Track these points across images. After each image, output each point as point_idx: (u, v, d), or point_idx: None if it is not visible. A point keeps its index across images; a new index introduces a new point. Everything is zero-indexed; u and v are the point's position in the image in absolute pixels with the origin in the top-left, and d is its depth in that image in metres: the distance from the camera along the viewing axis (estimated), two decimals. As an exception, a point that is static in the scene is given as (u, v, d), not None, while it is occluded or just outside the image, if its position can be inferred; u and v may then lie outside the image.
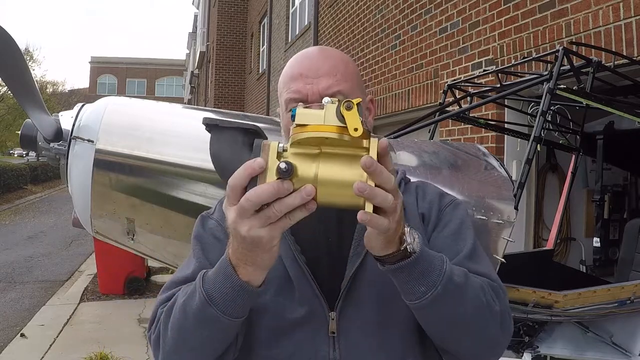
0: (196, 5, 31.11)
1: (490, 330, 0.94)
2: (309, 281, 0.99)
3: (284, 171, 0.72)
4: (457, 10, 4.83)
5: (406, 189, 1.13)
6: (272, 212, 0.74)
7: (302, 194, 0.73)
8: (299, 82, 1.03)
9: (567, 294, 2.24)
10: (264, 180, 0.73)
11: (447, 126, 4.75)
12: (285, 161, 0.72)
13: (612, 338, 2.56)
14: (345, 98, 1.00)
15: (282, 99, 1.07)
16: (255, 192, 0.73)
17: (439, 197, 1.11)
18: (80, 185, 2.12)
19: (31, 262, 8.78)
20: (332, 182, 0.73)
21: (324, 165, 0.73)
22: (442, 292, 0.86)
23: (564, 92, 2.36)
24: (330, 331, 0.98)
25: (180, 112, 2.54)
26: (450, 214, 1.08)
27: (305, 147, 0.74)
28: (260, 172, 0.74)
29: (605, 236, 4.35)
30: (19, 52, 2.31)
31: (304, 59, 1.07)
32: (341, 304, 0.99)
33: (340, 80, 1.03)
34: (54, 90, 37.69)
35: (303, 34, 10.83)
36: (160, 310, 0.97)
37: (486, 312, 0.93)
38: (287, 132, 1.02)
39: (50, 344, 4.97)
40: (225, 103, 18.64)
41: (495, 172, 2.27)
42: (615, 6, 3.16)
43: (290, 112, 1.02)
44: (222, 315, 0.85)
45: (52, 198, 19.73)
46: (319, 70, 1.02)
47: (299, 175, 0.73)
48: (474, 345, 0.96)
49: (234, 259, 0.83)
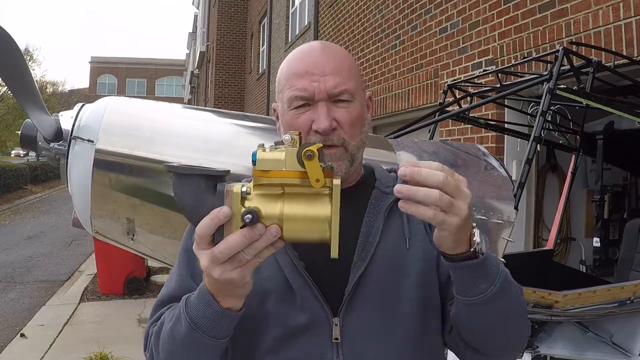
0: (196, 5, 31.11)
1: (524, 328, 1.00)
2: (310, 287, 0.98)
3: (250, 221, 0.73)
4: (457, 10, 4.83)
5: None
6: (242, 257, 0.77)
7: (268, 236, 0.75)
8: (304, 79, 1.01)
9: (567, 294, 2.23)
10: (231, 226, 0.75)
11: (447, 126, 4.75)
12: (249, 210, 0.73)
13: (612, 338, 2.56)
14: (351, 95, 1.02)
15: (284, 95, 1.04)
16: (228, 244, 0.76)
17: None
18: (80, 185, 2.12)
19: (31, 262, 8.78)
20: (297, 220, 0.75)
21: (288, 205, 0.75)
22: (499, 290, 0.88)
23: (564, 92, 2.36)
24: (334, 337, 0.98)
25: (180, 112, 2.54)
26: None
27: (268, 189, 0.76)
28: (226, 221, 0.76)
29: (605, 236, 4.35)
30: (19, 52, 2.30)
31: (308, 56, 1.04)
32: (344, 309, 0.98)
33: (346, 79, 1.02)
34: (54, 90, 37.67)
35: (303, 34, 10.84)
36: (151, 330, 1.00)
37: (524, 311, 0.98)
38: (290, 128, 1.02)
39: (50, 344, 4.97)
40: (225, 103, 18.64)
41: (495, 172, 2.27)
42: (615, 6, 3.16)
43: (293, 111, 1.02)
44: (208, 338, 0.88)
45: (52, 198, 19.73)
46: (325, 68, 1.01)
47: (264, 216, 0.74)
48: (510, 340, 1.00)
49: (211, 290, 0.86)
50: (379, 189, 1.09)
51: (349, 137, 1.02)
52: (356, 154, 1.04)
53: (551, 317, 2.33)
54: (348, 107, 1.02)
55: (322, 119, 0.99)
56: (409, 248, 1.03)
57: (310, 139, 1.00)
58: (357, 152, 1.04)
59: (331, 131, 1.00)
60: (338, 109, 1.01)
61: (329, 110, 1.00)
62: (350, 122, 1.02)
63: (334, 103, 1.01)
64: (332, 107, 1.01)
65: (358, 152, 1.05)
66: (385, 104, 6.22)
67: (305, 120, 1.01)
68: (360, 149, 1.05)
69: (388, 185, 1.09)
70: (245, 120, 2.36)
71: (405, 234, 1.03)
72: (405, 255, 1.02)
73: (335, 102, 1.01)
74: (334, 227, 0.75)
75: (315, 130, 1.00)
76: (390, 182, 1.10)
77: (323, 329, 0.98)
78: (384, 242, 1.01)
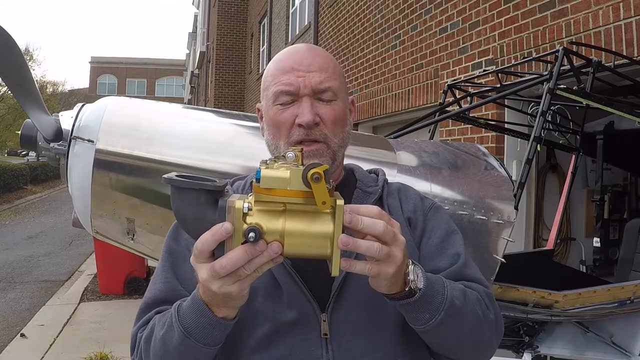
0: (196, 5, 31.11)
1: (486, 337, 1.01)
2: (297, 284, 0.99)
3: (253, 239, 0.74)
4: (457, 10, 4.83)
5: (389, 192, 1.14)
6: (242, 272, 0.78)
7: (270, 252, 0.76)
8: (290, 74, 1.03)
9: (567, 294, 2.23)
10: (232, 242, 0.76)
11: (447, 126, 4.75)
12: (252, 228, 0.73)
13: (612, 338, 2.56)
14: (335, 94, 1.04)
15: (269, 92, 1.06)
16: (230, 260, 0.76)
17: (421, 200, 1.14)
18: (80, 185, 2.12)
19: (31, 262, 8.78)
20: (298, 236, 0.75)
21: (289, 221, 0.75)
22: (445, 317, 0.90)
23: (564, 92, 2.36)
24: (323, 333, 0.98)
25: (180, 113, 2.53)
26: (434, 218, 1.11)
27: (270, 205, 0.76)
28: (228, 237, 0.76)
29: (605, 236, 4.35)
30: (19, 52, 2.30)
31: (294, 54, 1.07)
32: (332, 305, 0.99)
33: (331, 77, 1.05)
34: (54, 90, 37.64)
35: (303, 34, 10.83)
36: (139, 335, 1.00)
37: (483, 323, 0.99)
38: (276, 127, 1.04)
39: (50, 344, 4.97)
40: (225, 103, 18.63)
41: (495, 172, 2.27)
42: (615, 6, 3.16)
43: (277, 106, 1.03)
44: (202, 346, 0.89)
45: (52, 198, 19.73)
46: (311, 66, 1.04)
47: (266, 231, 0.75)
48: (471, 352, 1.02)
49: (206, 300, 0.86)
50: (361, 189, 1.11)
51: (331, 133, 1.04)
52: (337, 152, 1.06)
53: (551, 317, 2.33)
54: (331, 104, 1.05)
55: (305, 113, 1.02)
56: None
57: (293, 134, 1.03)
58: (339, 150, 1.07)
59: (314, 125, 1.02)
60: (322, 106, 1.04)
61: (312, 105, 1.03)
62: (333, 119, 1.04)
63: (318, 100, 1.04)
64: (316, 103, 1.04)
65: (339, 150, 1.07)
66: (385, 104, 6.22)
67: (289, 115, 1.04)
68: (341, 147, 1.08)
69: (369, 186, 1.12)
70: (245, 120, 2.36)
71: None
72: None
73: (319, 99, 1.04)
74: (336, 245, 0.75)
75: (299, 124, 1.02)
76: (371, 183, 1.13)
77: (311, 325, 0.99)
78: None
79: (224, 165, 2.14)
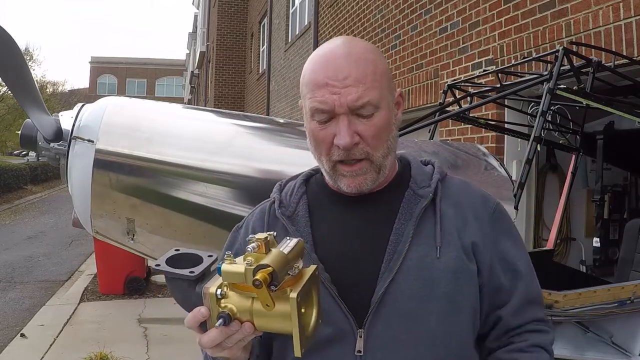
0: (196, 5, 31.11)
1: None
2: (335, 301, 0.98)
3: (222, 324, 0.84)
4: (457, 10, 4.83)
5: (444, 195, 1.07)
6: (225, 345, 0.87)
7: (243, 331, 0.84)
8: (324, 90, 0.97)
9: (567, 294, 2.23)
10: (211, 322, 0.86)
11: (447, 126, 4.75)
12: (221, 315, 0.83)
13: (612, 338, 2.56)
14: (375, 106, 0.99)
15: (306, 103, 1.01)
16: (209, 338, 0.86)
17: (487, 214, 1.08)
18: (80, 185, 2.12)
19: (31, 262, 8.78)
20: (264, 316, 0.84)
21: (256, 303, 0.83)
22: None
23: (564, 92, 2.36)
24: (357, 350, 0.96)
25: (180, 113, 2.54)
26: (500, 234, 1.08)
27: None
28: (205, 318, 0.86)
29: (605, 236, 4.35)
30: (19, 52, 2.31)
31: (330, 63, 0.99)
32: (370, 321, 0.97)
33: (369, 88, 0.97)
34: (54, 90, 37.70)
35: (303, 34, 10.83)
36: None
37: None
38: (316, 143, 1.03)
39: (50, 344, 4.97)
40: (225, 103, 18.64)
41: (495, 172, 2.27)
42: (615, 6, 3.16)
43: (315, 122, 1.01)
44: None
45: (52, 198, 19.73)
46: (347, 79, 0.96)
47: (237, 312, 0.84)
48: None
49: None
50: (413, 189, 1.06)
51: (373, 149, 0.99)
52: (383, 162, 1.02)
53: (551, 317, 2.32)
54: (372, 119, 0.99)
55: (342, 135, 0.97)
56: (439, 257, 0.99)
57: (333, 153, 1.00)
58: (384, 160, 1.02)
59: (353, 146, 0.98)
60: (361, 123, 0.98)
61: (350, 124, 0.97)
62: (374, 135, 0.99)
63: (357, 116, 0.98)
64: (355, 120, 0.98)
65: (385, 160, 1.02)
66: (385, 104, 6.21)
67: (327, 134, 0.99)
68: (387, 156, 1.03)
69: (422, 186, 1.06)
70: (245, 120, 2.36)
71: (437, 241, 1.00)
72: (435, 266, 0.99)
73: (357, 115, 0.98)
74: (295, 331, 0.80)
75: (337, 145, 0.98)
76: (425, 180, 1.07)
77: (346, 341, 0.97)
78: (413, 251, 0.99)
79: (224, 165, 2.14)
